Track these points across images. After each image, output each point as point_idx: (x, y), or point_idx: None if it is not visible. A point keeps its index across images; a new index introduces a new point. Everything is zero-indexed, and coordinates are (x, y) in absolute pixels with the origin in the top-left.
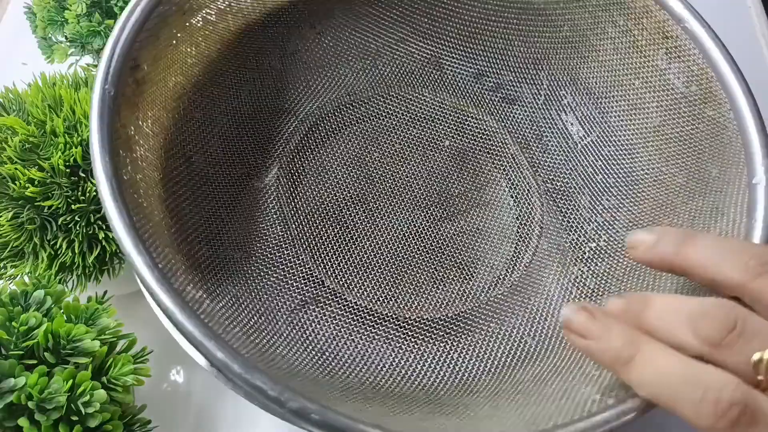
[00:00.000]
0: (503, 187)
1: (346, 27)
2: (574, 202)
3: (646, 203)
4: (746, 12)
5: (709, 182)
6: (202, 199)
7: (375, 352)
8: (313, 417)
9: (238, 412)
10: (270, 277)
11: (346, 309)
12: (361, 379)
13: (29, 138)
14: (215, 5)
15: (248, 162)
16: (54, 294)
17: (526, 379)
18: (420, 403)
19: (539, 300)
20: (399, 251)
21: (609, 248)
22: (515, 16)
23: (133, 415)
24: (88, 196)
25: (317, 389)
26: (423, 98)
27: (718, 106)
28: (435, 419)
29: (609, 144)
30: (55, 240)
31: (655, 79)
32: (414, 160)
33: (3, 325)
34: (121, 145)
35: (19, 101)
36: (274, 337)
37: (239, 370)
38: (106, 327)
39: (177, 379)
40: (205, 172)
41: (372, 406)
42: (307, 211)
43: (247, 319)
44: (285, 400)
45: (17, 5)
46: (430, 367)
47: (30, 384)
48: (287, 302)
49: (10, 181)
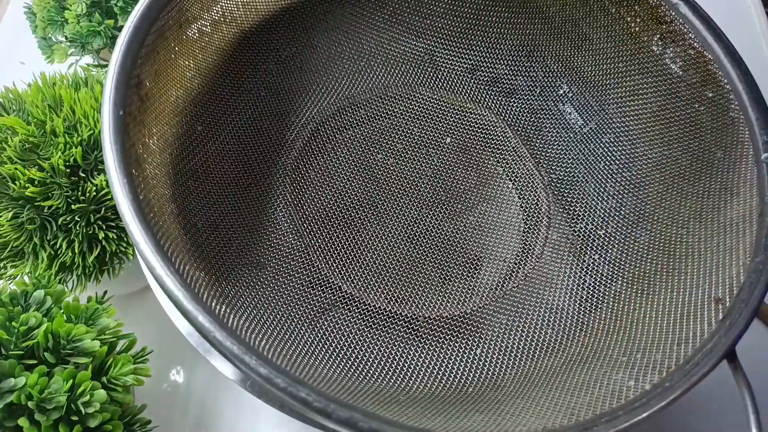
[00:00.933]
0: (507, 181)
1: (338, 29)
2: (579, 190)
3: (652, 187)
4: (746, 12)
5: (715, 163)
6: (212, 212)
7: (399, 354)
8: (361, 425)
9: (238, 411)
10: (288, 286)
11: (366, 312)
12: (390, 382)
13: (29, 138)
14: (209, 16)
15: (254, 173)
16: (54, 294)
17: (552, 369)
18: (453, 403)
19: (555, 290)
20: (411, 251)
21: (618, 234)
22: (506, 8)
23: (133, 415)
24: (88, 196)
25: (350, 397)
26: (421, 96)
27: (717, 87)
28: (471, 417)
29: (609, 131)
30: (55, 240)
31: (651, 65)
32: (417, 159)
33: (3, 325)
34: (133, 164)
35: (19, 101)
36: (300, 346)
37: (284, 384)
38: (106, 327)
39: (177, 379)
40: (212, 186)
41: (408, 408)
42: (317, 218)
43: (271, 331)
44: (331, 411)
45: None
46: (455, 364)
47: (30, 384)
48: (308, 310)
49: (10, 181)
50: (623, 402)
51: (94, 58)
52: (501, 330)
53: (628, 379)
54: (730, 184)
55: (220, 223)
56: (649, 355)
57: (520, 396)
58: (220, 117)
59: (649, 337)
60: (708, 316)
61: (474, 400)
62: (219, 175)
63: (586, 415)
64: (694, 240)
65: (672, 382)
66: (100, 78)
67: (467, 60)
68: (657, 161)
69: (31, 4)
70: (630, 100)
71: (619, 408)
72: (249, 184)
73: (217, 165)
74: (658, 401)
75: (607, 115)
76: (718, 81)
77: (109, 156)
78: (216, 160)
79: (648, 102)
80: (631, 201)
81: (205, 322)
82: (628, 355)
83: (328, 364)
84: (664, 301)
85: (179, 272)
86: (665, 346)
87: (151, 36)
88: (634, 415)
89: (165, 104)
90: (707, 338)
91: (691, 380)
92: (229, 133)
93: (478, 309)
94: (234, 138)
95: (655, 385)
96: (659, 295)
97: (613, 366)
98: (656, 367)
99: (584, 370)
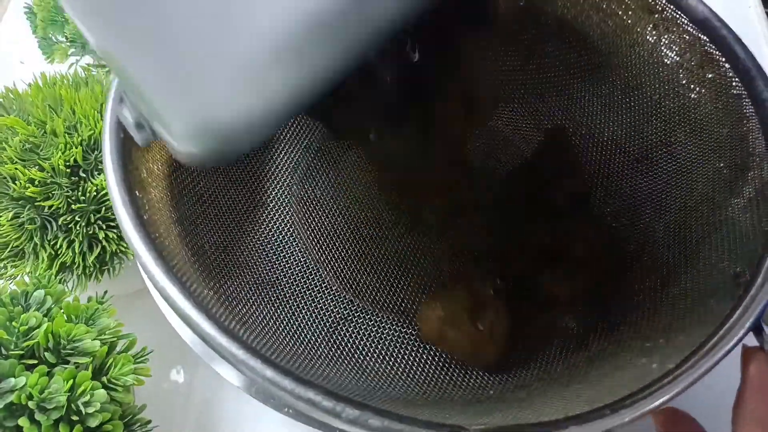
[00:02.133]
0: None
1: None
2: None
3: (660, 174)
4: (746, 12)
5: (721, 141)
6: (219, 234)
7: (413, 362)
8: (372, 423)
9: (239, 411)
10: (299, 302)
11: (377, 324)
12: (406, 390)
13: (29, 138)
14: None
15: (260, 194)
16: (54, 294)
17: (575, 365)
18: (473, 403)
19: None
20: (419, 263)
21: (633, 226)
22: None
23: (133, 415)
24: (89, 196)
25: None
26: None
27: (716, 67)
28: (492, 415)
29: (611, 125)
30: (56, 240)
31: (647, 55)
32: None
33: (3, 325)
34: (136, 186)
35: (19, 101)
36: (309, 356)
37: (290, 386)
38: (106, 327)
39: (177, 379)
40: (217, 210)
41: (423, 409)
42: (325, 234)
43: (284, 346)
44: (340, 410)
45: (17, 5)
46: (473, 368)
47: (30, 384)
48: (321, 324)
49: (10, 181)
50: (648, 382)
51: (95, 58)
52: (522, 330)
53: (651, 363)
54: (740, 160)
55: (228, 245)
56: (673, 337)
57: (543, 393)
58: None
59: (672, 320)
60: (730, 291)
61: (496, 400)
62: (225, 198)
63: (610, 399)
64: (708, 221)
65: (697, 359)
66: (100, 78)
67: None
68: (663, 149)
69: (31, 4)
70: (630, 94)
71: (643, 388)
72: (255, 206)
73: (223, 188)
74: (684, 381)
75: (610, 111)
76: (716, 61)
77: (111, 178)
78: (221, 183)
79: (648, 92)
80: (645, 191)
81: (209, 330)
82: (652, 341)
83: (343, 375)
84: (684, 284)
85: (181, 282)
86: (688, 326)
87: None
88: (659, 396)
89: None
90: (730, 313)
91: (717, 356)
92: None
93: None
94: (239, 161)
95: (679, 365)
96: (679, 280)
97: (637, 354)
98: (680, 348)
99: (607, 361)
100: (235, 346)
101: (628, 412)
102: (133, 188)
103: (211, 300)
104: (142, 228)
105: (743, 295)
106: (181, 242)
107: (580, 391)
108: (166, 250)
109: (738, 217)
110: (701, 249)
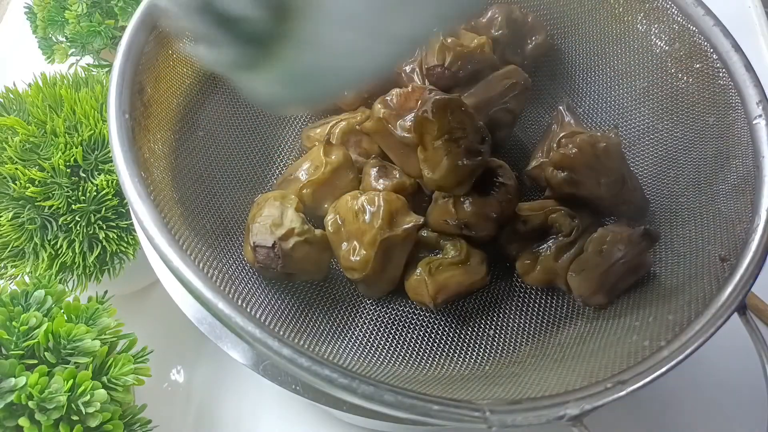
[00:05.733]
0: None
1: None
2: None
3: (648, 160)
4: (746, 12)
5: (707, 130)
6: (218, 214)
7: (412, 340)
8: (386, 398)
9: (239, 411)
10: (303, 282)
11: (380, 303)
12: (405, 366)
13: (30, 138)
14: None
15: (257, 174)
16: (54, 294)
17: (566, 341)
18: (470, 380)
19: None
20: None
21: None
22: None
23: (133, 414)
24: (89, 196)
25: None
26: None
27: (704, 57)
28: (491, 390)
29: (600, 111)
30: (56, 240)
31: (637, 44)
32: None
33: (4, 325)
34: (141, 167)
35: (19, 101)
36: (317, 335)
37: (307, 363)
38: (106, 327)
39: (177, 379)
40: (216, 189)
41: (425, 386)
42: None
43: (288, 320)
44: (356, 386)
45: (17, 5)
46: (469, 346)
47: (30, 384)
48: (323, 302)
49: (10, 181)
50: (640, 360)
51: (95, 58)
52: (513, 310)
53: (642, 340)
54: (725, 148)
55: (228, 224)
56: (661, 317)
57: (537, 368)
58: (220, 122)
59: (660, 300)
60: (716, 274)
61: (492, 376)
62: (223, 178)
63: (604, 375)
64: (694, 207)
65: (686, 337)
66: (100, 78)
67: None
68: (650, 135)
69: (31, 4)
70: (619, 81)
71: (635, 366)
72: (253, 186)
73: (221, 168)
74: (674, 357)
75: (598, 97)
76: (704, 51)
77: (119, 158)
78: (219, 163)
79: (637, 79)
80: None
81: (225, 308)
82: (641, 320)
83: (345, 351)
84: (672, 266)
85: (194, 262)
86: (677, 307)
87: (149, 44)
88: (651, 371)
89: (167, 110)
90: (716, 294)
91: (706, 334)
92: (231, 137)
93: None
94: (236, 142)
95: (670, 342)
96: (666, 262)
97: (627, 331)
98: (669, 326)
99: (598, 339)
100: (251, 325)
101: (626, 386)
102: (139, 168)
103: (223, 280)
104: (153, 209)
105: (729, 278)
106: (185, 222)
107: (574, 367)
108: (174, 229)
109: (723, 204)
110: (688, 233)
